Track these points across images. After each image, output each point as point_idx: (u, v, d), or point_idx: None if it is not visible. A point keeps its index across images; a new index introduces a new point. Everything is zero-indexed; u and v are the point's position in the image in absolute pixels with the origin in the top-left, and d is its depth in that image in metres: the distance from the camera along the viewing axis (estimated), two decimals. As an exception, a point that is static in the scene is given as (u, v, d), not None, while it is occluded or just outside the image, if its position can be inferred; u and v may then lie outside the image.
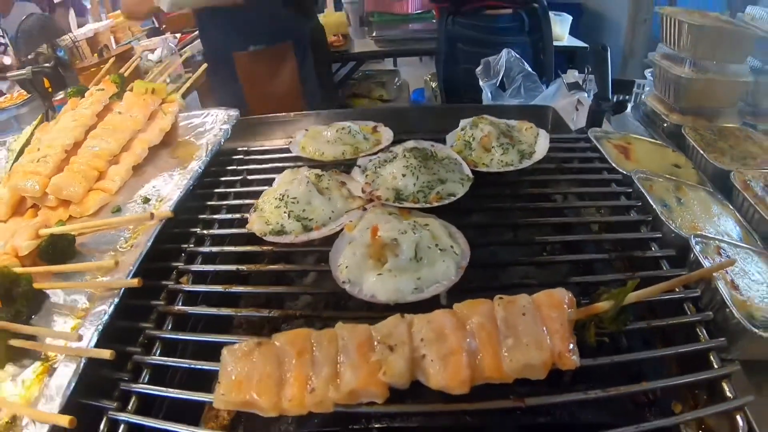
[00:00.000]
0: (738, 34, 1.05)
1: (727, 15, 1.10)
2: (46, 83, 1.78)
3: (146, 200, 0.84)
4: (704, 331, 0.60)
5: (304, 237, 0.66)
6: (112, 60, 1.86)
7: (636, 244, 0.71)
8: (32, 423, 0.53)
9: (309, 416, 0.52)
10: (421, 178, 0.70)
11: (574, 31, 2.30)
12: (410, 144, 0.80)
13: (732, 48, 1.05)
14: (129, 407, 0.55)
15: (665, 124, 1.09)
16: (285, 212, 0.69)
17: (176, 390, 0.56)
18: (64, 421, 0.50)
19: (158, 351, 0.60)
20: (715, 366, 0.57)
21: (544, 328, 0.48)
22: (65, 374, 0.55)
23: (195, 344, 0.61)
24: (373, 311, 0.56)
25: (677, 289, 0.64)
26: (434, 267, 0.57)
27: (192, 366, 0.58)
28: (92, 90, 1.03)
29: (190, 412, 0.59)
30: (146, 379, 0.57)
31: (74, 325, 0.62)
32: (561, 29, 2.22)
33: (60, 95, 1.83)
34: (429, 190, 0.69)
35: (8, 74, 1.84)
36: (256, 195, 0.77)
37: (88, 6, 2.68)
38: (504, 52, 1.55)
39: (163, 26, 2.66)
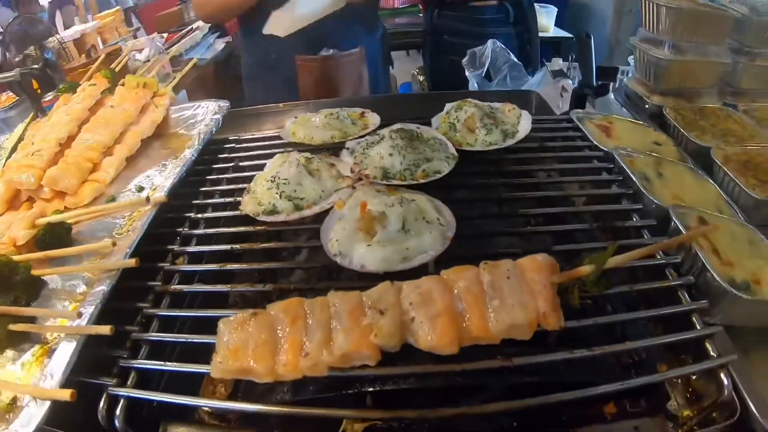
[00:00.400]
0: (716, 16, 1.08)
1: (707, -2, 1.12)
2: (35, 85, 1.79)
3: (140, 189, 0.85)
4: (686, 295, 0.62)
5: (295, 215, 0.68)
6: (101, 58, 1.87)
7: (618, 215, 0.73)
8: (33, 401, 0.54)
9: (304, 384, 0.54)
10: (408, 157, 0.72)
11: (559, 22, 2.34)
12: (396, 126, 0.82)
13: (710, 30, 1.08)
14: (128, 383, 0.56)
15: (646, 106, 1.12)
16: (277, 193, 0.70)
17: (174, 363, 0.57)
18: (65, 395, 0.52)
19: (156, 328, 0.61)
20: (698, 327, 0.59)
21: (529, 290, 0.51)
22: (65, 353, 0.56)
23: (192, 320, 0.63)
24: (363, 281, 0.57)
25: (658, 256, 0.66)
26: (421, 238, 0.59)
27: (189, 340, 0.59)
28: (84, 85, 1.04)
29: (189, 388, 0.60)
30: (145, 355, 0.59)
31: (73, 307, 0.64)
32: (547, 20, 2.26)
33: (49, 96, 1.83)
34: (415, 168, 0.71)
35: (-4, 77, 1.84)
36: (249, 180, 0.79)
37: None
38: (489, 42, 1.58)
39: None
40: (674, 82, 1.11)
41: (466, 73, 1.61)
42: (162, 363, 0.57)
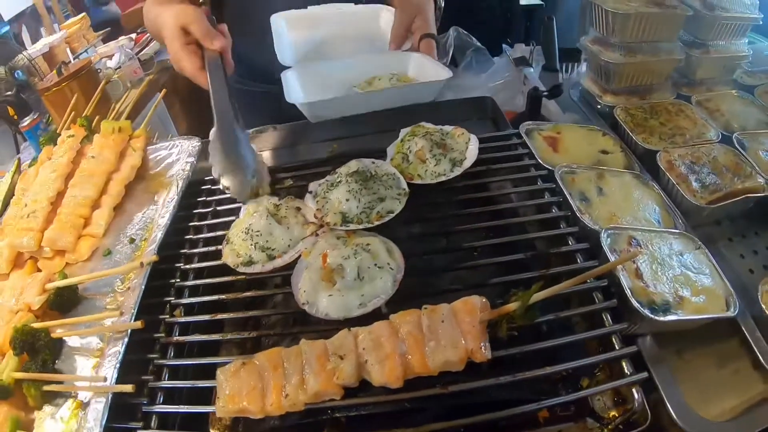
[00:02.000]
0: (665, 17, 1.16)
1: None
2: (11, 112, 1.90)
3: (132, 240, 1.01)
4: (609, 317, 0.75)
5: (269, 266, 0.83)
6: (71, 73, 1.96)
7: (556, 240, 0.86)
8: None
9: (289, 413, 0.72)
10: (363, 200, 0.86)
11: None
12: (353, 165, 0.94)
13: (661, 30, 1.16)
14: (152, 425, 0.74)
15: (598, 106, 1.23)
16: (251, 244, 0.85)
17: (186, 406, 0.75)
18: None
19: (167, 376, 0.78)
20: (616, 347, 0.72)
21: (460, 331, 0.67)
22: (98, 407, 0.72)
23: (195, 367, 0.80)
24: (329, 324, 0.74)
25: (588, 280, 0.76)
26: (374, 283, 0.75)
27: (195, 385, 0.77)
28: (63, 137, 1.17)
29: (199, 425, 0.78)
30: (161, 400, 0.76)
31: (94, 363, 0.81)
32: None
33: (26, 121, 1.95)
34: (370, 211, 0.86)
35: (-30, 106, 1.94)
36: (226, 225, 0.94)
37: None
38: (451, 30, 1.67)
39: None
40: (626, 82, 1.22)
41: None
42: (177, 407, 0.75)
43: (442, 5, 1.20)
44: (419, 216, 0.90)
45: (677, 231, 0.92)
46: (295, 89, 1.11)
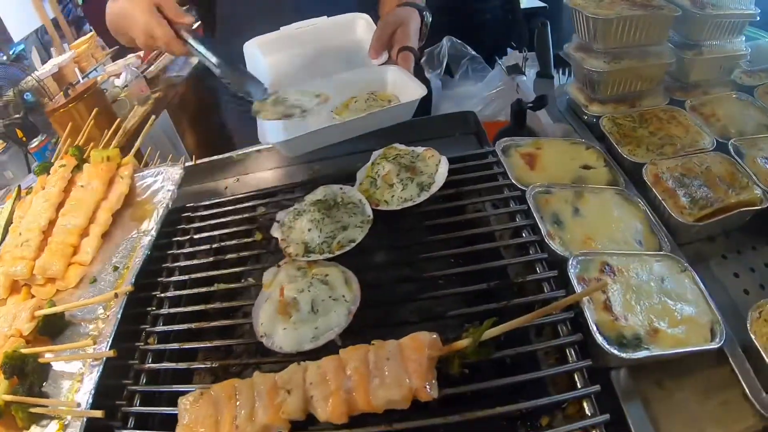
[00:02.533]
0: (652, 19, 1.11)
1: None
2: (19, 134, 2.04)
3: (115, 268, 1.07)
4: (573, 352, 0.73)
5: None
6: (78, 94, 2.08)
7: (524, 267, 0.85)
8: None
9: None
10: (325, 230, 0.88)
11: None
12: (319, 193, 0.97)
13: (648, 33, 1.11)
14: (123, 447, 0.80)
15: (585, 117, 1.21)
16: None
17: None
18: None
19: (138, 402, 0.84)
20: (579, 386, 0.70)
21: (405, 369, 0.68)
22: (74, 430, 0.80)
23: (166, 393, 0.85)
24: (289, 356, 0.77)
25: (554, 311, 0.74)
26: (328, 316, 0.77)
27: (164, 412, 0.82)
28: (56, 167, 1.25)
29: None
30: (132, 425, 0.82)
31: (75, 387, 0.87)
32: None
33: (35, 142, 2.09)
34: (332, 240, 0.88)
35: (-20, 130, 2.09)
36: (203, 254, 0.99)
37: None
38: (445, 39, 1.67)
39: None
40: (613, 90, 1.18)
41: (425, 74, 1.71)
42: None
43: (429, 21, 1.20)
44: (384, 244, 0.92)
45: (660, 253, 0.89)
46: (271, 125, 1.07)
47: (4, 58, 2.52)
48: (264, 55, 1.22)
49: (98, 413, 0.79)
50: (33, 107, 2.16)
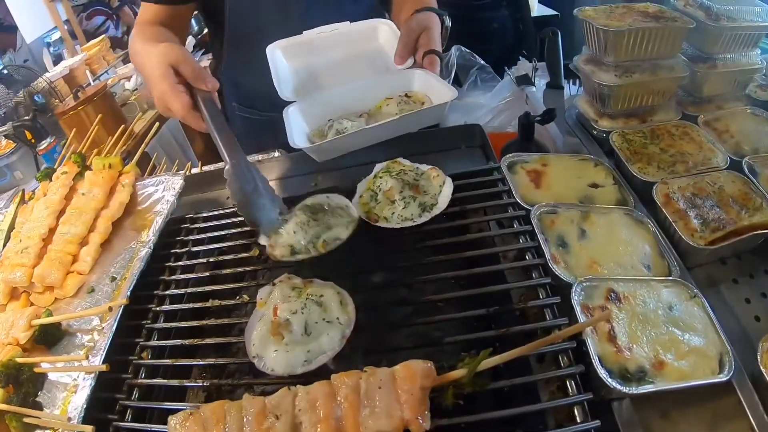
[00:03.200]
0: (665, 31, 1.08)
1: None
2: (28, 135, 2.06)
3: (113, 278, 1.07)
4: (573, 385, 0.70)
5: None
6: (88, 97, 2.09)
7: (528, 292, 0.83)
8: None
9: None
10: (310, 231, 0.87)
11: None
12: (307, 201, 0.96)
13: (660, 46, 1.08)
14: (112, 462, 0.80)
15: (594, 131, 1.18)
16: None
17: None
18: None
19: (129, 417, 0.84)
20: (578, 420, 0.68)
21: (397, 398, 0.66)
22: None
23: (157, 410, 0.85)
24: (281, 377, 0.76)
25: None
26: (320, 339, 0.75)
27: (153, 429, 0.81)
28: (58, 174, 1.26)
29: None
30: (122, 440, 0.82)
31: (69, 399, 0.87)
32: None
33: (44, 144, 2.11)
34: (317, 240, 0.86)
35: (-10, 131, 2.12)
36: (201, 267, 0.98)
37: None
38: (453, 49, 1.64)
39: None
40: (623, 104, 1.15)
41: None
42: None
43: (449, 25, 1.19)
44: (383, 264, 0.90)
45: (669, 279, 0.85)
46: (300, 129, 1.08)
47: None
48: (286, 59, 1.20)
49: (89, 428, 0.79)
50: (43, 109, 2.19)
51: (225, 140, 0.92)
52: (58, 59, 2.97)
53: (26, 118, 2.02)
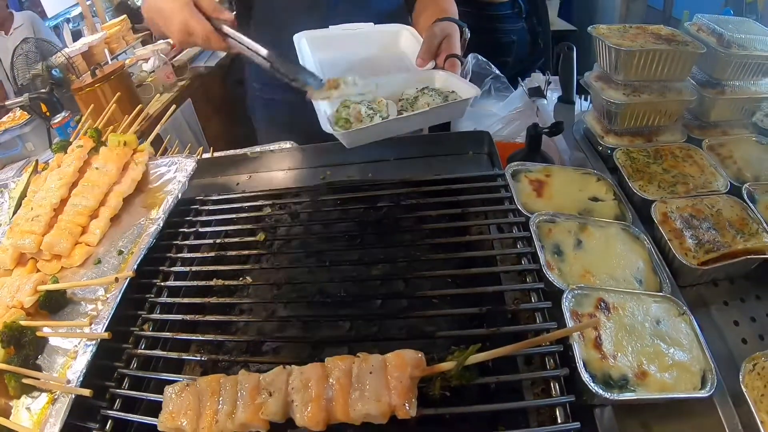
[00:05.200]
0: (676, 55, 1.11)
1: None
2: (43, 108, 2.10)
3: (120, 252, 1.11)
4: (557, 387, 0.73)
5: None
6: (106, 75, 2.14)
7: (520, 295, 0.86)
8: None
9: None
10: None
11: (565, 14, 2.34)
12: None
13: (670, 69, 1.11)
14: (107, 428, 0.83)
15: (599, 147, 1.21)
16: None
17: (140, 416, 0.83)
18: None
19: (127, 385, 0.87)
20: (559, 421, 0.70)
21: (386, 385, 0.70)
22: (62, 406, 0.83)
23: (154, 380, 0.88)
24: (277, 356, 0.80)
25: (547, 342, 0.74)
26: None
27: (149, 398, 0.85)
28: (73, 147, 1.30)
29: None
30: (119, 406, 0.85)
31: (68, 363, 0.91)
32: (550, 13, 2.28)
33: (58, 118, 2.15)
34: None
35: (7, 103, 2.18)
36: (206, 248, 1.02)
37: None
38: (470, 57, 1.68)
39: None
40: (630, 122, 1.18)
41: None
42: (132, 415, 0.83)
43: (468, 37, 1.23)
44: (383, 257, 0.94)
45: (659, 294, 0.88)
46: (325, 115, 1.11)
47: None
48: (312, 49, 1.24)
49: (86, 392, 0.83)
50: (59, 83, 2.23)
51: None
52: (76, 36, 3.03)
53: (43, 90, 2.07)
